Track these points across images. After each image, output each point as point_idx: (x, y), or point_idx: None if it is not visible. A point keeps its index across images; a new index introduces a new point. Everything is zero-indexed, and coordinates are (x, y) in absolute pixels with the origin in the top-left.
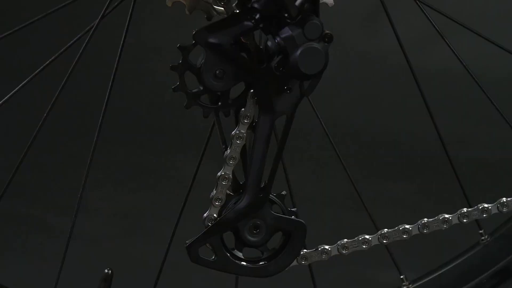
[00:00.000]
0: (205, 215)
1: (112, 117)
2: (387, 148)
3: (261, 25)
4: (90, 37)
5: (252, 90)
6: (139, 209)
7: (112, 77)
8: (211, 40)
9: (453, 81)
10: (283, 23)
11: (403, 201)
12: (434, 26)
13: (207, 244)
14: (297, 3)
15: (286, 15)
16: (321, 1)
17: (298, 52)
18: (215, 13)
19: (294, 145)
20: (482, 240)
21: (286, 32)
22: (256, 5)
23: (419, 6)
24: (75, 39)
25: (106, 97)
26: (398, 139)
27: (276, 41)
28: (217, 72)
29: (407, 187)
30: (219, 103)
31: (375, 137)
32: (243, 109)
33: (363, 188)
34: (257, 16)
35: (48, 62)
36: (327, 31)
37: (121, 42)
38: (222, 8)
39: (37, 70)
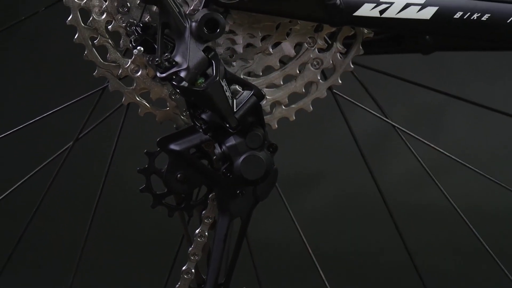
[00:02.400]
0: None
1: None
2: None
3: (209, 134)
4: (65, 159)
5: (212, 193)
6: None
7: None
8: (172, 147)
9: (449, 216)
10: (228, 133)
11: None
12: (421, 164)
13: None
14: (237, 115)
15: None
16: (272, 120)
17: (240, 159)
18: (183, 122)
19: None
20: None
21: (230, 141)
22: (203, 116)
23: (406, 144)
24: (46, 161)
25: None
26: (392, 272)
27: (222, 149)
28: (179, 176)
29: None
30: (183, 204)
31: (366, 267)
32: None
33: None
34: (204, 126)
35: (16, 185)
36: (272, 142)
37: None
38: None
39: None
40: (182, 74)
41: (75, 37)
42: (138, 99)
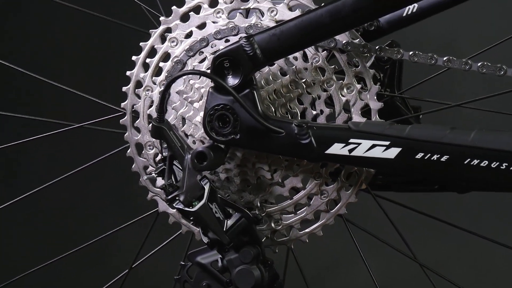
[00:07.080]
0: None
1: None
2: None
3: (215, 250)
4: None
5: None
6: None
7: None
8: (199, 260)
9: None
10: (225, 251)
11: None
12: None
13: None
14: (228, 234)
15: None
16: (289, 241)
17: (235, 271)
18: None
19: None
20: None
21: (228, 256)
22: (209, 234)
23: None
24: None
25: None
26: None
27: (223, 262)
28: (204, 284)
29: None
30: None
31: None
32: None
33: None
34: (210, 242)
35: None
36: (267, 258)
37: None
38: None
39: None
40: (181, 198)
41: (132, 166)
42: (180, 219)
